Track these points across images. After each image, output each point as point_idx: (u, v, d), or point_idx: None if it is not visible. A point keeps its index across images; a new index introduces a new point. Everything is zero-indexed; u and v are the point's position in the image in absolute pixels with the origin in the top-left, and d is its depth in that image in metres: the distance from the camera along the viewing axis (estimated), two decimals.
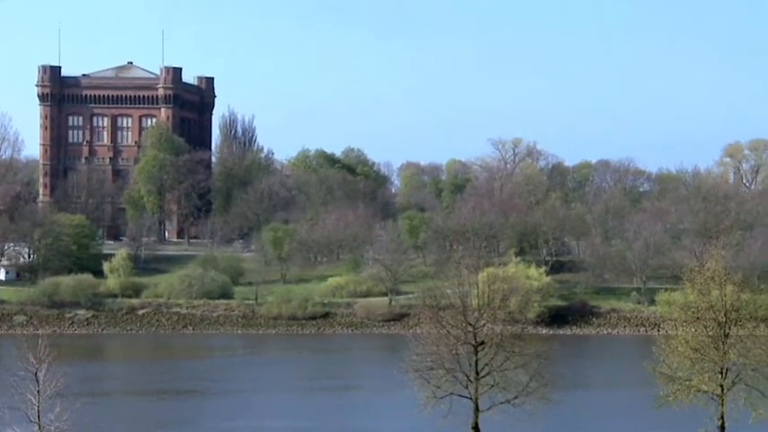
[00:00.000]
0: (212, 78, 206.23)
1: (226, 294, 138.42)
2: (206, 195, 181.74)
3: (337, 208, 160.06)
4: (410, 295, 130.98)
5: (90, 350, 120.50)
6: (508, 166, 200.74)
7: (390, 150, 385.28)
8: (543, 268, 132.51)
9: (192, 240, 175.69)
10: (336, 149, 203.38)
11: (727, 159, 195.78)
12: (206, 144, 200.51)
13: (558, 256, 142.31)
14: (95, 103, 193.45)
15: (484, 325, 53.02)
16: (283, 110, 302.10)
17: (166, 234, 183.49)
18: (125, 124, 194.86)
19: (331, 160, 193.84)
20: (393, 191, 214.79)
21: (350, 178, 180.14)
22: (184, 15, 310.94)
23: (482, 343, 52.60)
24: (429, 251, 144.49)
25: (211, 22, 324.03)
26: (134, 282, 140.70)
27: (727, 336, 49.33)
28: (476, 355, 52.48)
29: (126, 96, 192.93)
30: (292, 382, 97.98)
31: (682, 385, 49.42)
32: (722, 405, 49.18)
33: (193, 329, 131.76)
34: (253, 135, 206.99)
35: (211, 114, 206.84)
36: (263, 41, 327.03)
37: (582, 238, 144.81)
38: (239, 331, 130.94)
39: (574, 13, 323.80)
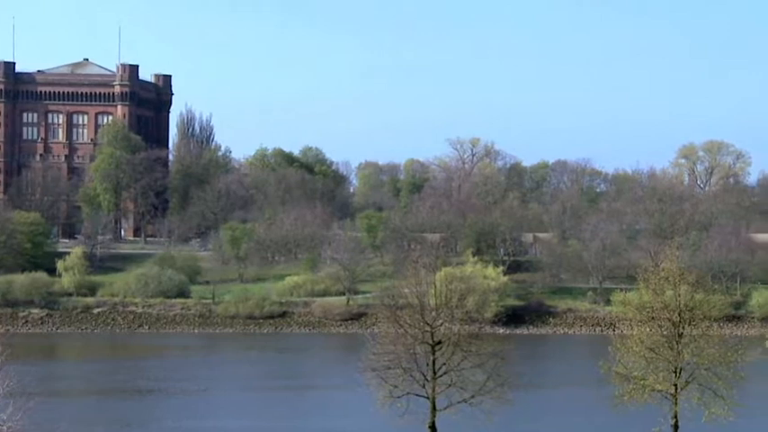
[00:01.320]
0: (170, 76, 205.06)
1: (182, 293, 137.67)
2: (163, 194, 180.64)
3: (295, 207, 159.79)
4: (368, 295, 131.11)
5: (44, 349, 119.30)
6: (466, 166, 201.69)
7: (349, 150, 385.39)
8: (500, 268, 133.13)
9: (148, 239, 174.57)
10: (294, 148, 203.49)
11: (682, 161, 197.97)
12: (163, 142, 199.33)
13: (516, 256, 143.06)
14: (50, 100, 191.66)
15: (441, 324, 53.12)
16: (241, 108, 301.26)
17: (122, 232, 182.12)
18: (81, 121, 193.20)
19: (289, 159, 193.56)
20: (351, 190, 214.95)
21: (308, 177, 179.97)
22: (141, 12, 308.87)
23: (439, 342, 52.71)
24: (387, 250, 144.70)
25: (169, 20, 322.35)
26: (89, 280, 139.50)
27: (681, 335, 49.79)
28: (433, 354, 52.58)
29: (82, 93, 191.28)
30: (249, 381, 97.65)
31: (637, 384, 49.82)
32: (676, 404, 49.66)
33: (149, 328, 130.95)
34: (210, 133, 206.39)
35: (168, 112, 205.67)
36: (220, 39, 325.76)
37: (538, 241, 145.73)
38: (196, 330, 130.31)
39: (531, 13, 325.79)
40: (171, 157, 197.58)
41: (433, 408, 52.37)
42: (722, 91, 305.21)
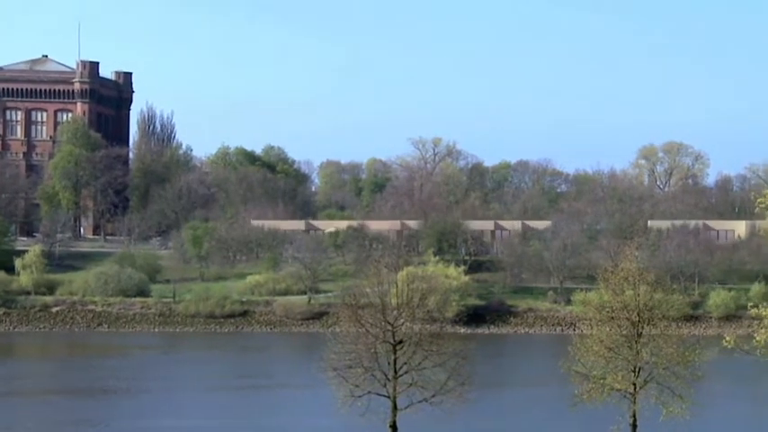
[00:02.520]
0: (130, 73, 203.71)
1: (143, 292, 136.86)
2: (123, 192, 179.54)
3: (257, 206, 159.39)
4: (329, 294, 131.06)
5: (2, 348, 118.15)
6: (428, 165, 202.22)
7: (311, 149, 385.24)
8: (462, 268, 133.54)
9: (108, 237, 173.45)
10: (256, 147, 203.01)
11: (642, 161, 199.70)
12: (123, 140, 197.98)
13: (477, 256, 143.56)
14: (9, 97, 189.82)
15: (403, 324, 53.22)
16: (203, 107, 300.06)
17: (82, 231, 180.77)
18: (40, 118, 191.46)
19: (251, 158, 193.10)
20: (313, 189, 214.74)
21: (270, 176, 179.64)
22: (102, 8, 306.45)
23: (401, 342, 52.80)
24: (348, 250, 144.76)
25: (129, 16, 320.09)
26: (48, 279, 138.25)
27: (640, 335, 50.20)
28: (394, 353, 52.66)
29: (41, 90, 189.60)
30: (210, 380, 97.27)
31: (596, 384, 50.17)
32: (635, 403, 50.07)
33: (109, 327, 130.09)
34: (172, 132, 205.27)
35: (129, 110, 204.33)
36: (182, 36, 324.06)
37: (497, 240, 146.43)
38: (156, 329, 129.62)
39: (491, 13, 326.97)
40: (131, 155, 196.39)
41: (394, 407, 52.46)
42: (682, 93, 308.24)
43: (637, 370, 50.17)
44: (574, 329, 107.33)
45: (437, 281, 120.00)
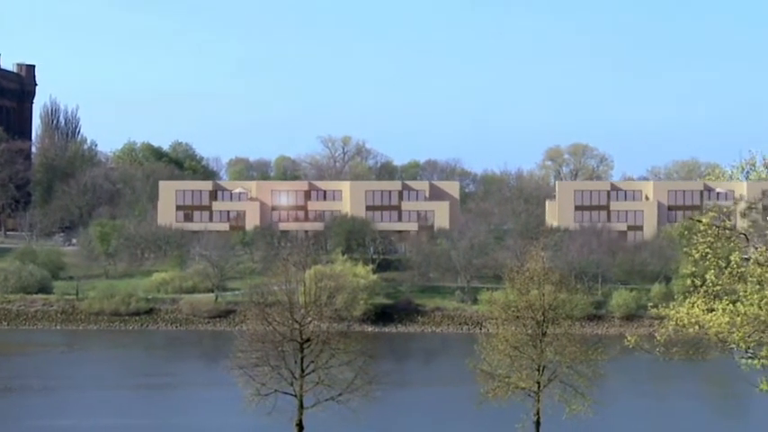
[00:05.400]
0: (33, 66, 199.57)
1: (45, 289, 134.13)
2: (25, 187, 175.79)
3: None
4: (237, 292, 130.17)
5: None
6: (337, 164, 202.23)
7: (219, 145, 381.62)
8: (370, 266, 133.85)
9: (9, 233, 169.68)
10: (164, 143, 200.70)
11: (549, 163, 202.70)
12: (26, 134, 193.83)
13: (385, 255, 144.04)
14: None
15: (310, 322, 53.25)
16: (109, 101, 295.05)
17: None
18: None
19: (158, 154, 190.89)
20: None
21: (177, 173, 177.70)
22: None
23: (308, 340, 52.80)
24: (257, 248, 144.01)
25: (33, 7, 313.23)
26: None
27: (544, 334, 51.01)
28: (301, 352, 52.65)
29: None
30: (115, 378, 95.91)
31: (501, 382, 50.84)
32: (538, 401, 50.84)
33: (8, 325, 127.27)
34: (76, 126, 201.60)
35: (32, 103, 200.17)
36: (88, 29, 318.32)
37: (405, 239, 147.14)
38: (59, 327, 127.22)
39: (401, 12, 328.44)
40: (34, 149, 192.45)
41: (301, 405, 52.43)
42: (588, 95, 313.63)
43: (541, 369, 50.97)
44: (480, 328, 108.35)
45: (345, 279, 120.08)
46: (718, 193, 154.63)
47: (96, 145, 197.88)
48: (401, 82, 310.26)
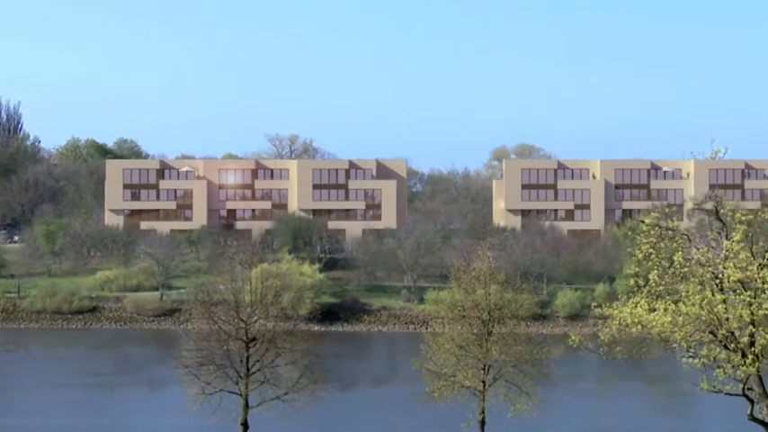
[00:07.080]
0: None
1: None
2: None
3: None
4: (182, 290, 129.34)
5: None
6: None
7: (165, 142, 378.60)
8: (317, 265, 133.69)
9: None
10: (109, 140, 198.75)
11: (495, 163, 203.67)
12: None
13: (332, 254, 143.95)
14: None
15: (256, 321, 53.04)
16: (52, 98, 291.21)
17: None
18: None
19: (102, 151, 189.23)
20: None
21: None
22: None
23: (254, 339, 52.61)
24: (203, 246, 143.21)
25: None
26: None
27: (490, 333, 51.26)
28: (247, 351, 52.43)
29: None
30: (57, 378, 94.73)
31: (447, 381, 51.01)
32: (484, 400, 51.08)
33: None
34: (18, 122, 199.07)
35: None
36: (29, 22, 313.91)
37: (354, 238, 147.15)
38: None
39: (349, 10, 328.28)
40: None
41: (246, 405, 52.23)
42: (534, 95, 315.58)
43: (486, 368, 51.22)
44: (426, 328, 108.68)
45: (291, 278, 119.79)
46: (665, 172, 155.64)
47: (39, 141, 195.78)
48: (349, 81, 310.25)
